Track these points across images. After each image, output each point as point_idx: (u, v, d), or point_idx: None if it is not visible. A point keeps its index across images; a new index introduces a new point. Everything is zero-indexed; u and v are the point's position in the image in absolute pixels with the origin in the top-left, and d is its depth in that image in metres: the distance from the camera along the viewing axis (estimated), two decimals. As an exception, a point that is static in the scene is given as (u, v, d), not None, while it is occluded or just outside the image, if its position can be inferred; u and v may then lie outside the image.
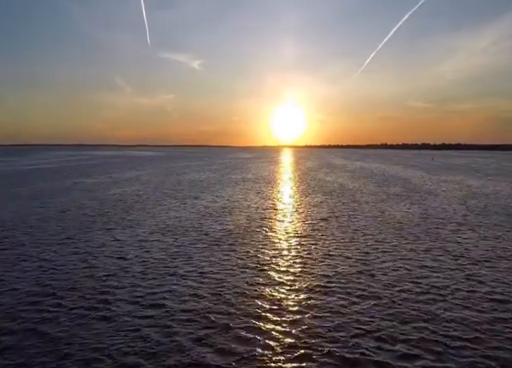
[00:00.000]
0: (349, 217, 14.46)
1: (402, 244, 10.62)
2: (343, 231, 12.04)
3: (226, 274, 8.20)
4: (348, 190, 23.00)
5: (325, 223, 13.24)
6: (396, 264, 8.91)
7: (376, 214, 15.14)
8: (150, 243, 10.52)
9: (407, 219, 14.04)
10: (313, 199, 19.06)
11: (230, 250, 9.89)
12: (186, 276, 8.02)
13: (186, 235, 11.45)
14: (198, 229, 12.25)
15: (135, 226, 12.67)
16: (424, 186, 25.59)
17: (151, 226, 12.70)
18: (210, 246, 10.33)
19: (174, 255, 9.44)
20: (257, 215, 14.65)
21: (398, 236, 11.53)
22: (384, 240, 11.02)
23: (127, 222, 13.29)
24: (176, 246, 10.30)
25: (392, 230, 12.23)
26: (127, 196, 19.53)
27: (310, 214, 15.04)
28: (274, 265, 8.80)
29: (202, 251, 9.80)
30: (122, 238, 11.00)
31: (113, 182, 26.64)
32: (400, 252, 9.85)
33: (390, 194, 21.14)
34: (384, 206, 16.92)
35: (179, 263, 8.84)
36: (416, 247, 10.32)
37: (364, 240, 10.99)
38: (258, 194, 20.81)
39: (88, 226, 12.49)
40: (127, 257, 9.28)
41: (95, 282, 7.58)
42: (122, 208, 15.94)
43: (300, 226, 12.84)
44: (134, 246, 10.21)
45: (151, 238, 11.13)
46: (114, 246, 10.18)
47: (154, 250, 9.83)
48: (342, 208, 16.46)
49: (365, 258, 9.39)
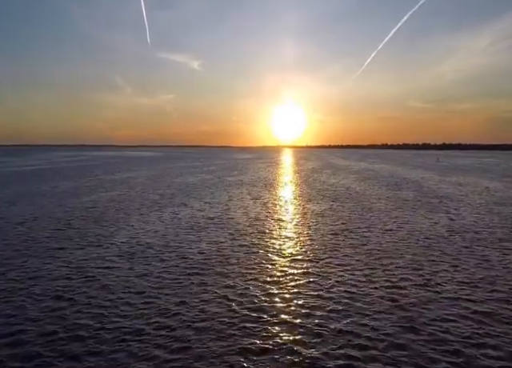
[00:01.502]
0: (362, 230, 12.02)
1: (439, 270, 8.17)
2: (360, 252, 9.58)
3: (203, 321, 5.76)
4: (356, 195, 20.56)
5: (335, 240, 10.78)
6: (444, 310, 6.45)
7: (395, 225, 12.70)
8: (109, 272, 8.06)
9: (436, 233, 11.58)
10: (317, 206, 16.62)
11: (212, 283, 7.43)
12: (148, 331, 5.58)
13: (157, 259, 8.97)
14: (176, 249, 9.78)
15: (98, 244, 10.19)
16: (439, 190, 23.14)
17: (119, 244, 10.23)
18: (186, 275, 7.88)
19: (136, 292, 6.99)
20: (251, 228, 12.21)
21: (431, 259, 9.06)
22: (416, 266, 8.53)
23: (90, 238, 10.83)
24: (142, 275, 7.84)
25: (421, 250, 9.76)
26: (104, 203, 17.10)
27: (316, 226, 12.60)
28: (270, 306, 6.35)
29: (174, 286, 7.36)
30: (73, 263, 8.52)
31: (97, 186, 24.21)
32: (442, 284, 7.39)
33: (404, 199, 18.70)
34: (402, 215, 14.47)
35: (140, 305, 6.40)
36: (466, 277, 7.83)
37: (388, 265, 8.52)
38: (255, 200, 18.37)
39: (35, 245, 10.03)
40: (68, 297, 6.81)
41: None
42: (91, 219, 13.48)
43: (305, 245, 10.39)
44: (85, 277, 7.75)
45: (113, 263, 8.65)
46: (55, 278, 7.70)
47: (112, 284, 7.38)
48: (353, 218, 14.02)
49: (395, 295, 6.94)
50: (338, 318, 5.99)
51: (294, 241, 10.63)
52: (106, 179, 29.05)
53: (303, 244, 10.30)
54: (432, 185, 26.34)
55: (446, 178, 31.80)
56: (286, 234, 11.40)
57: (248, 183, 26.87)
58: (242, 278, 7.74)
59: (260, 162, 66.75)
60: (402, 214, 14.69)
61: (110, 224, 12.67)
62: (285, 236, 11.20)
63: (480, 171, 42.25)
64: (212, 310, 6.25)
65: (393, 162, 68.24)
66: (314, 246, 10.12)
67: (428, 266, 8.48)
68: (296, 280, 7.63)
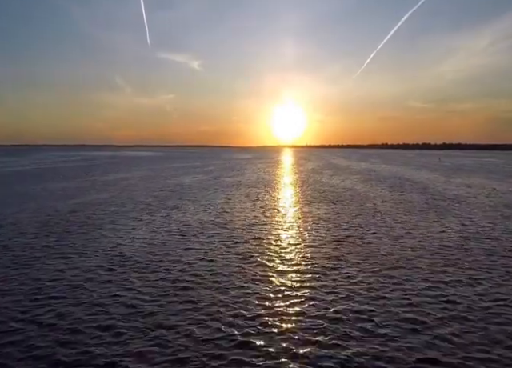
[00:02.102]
0: (368, 237, 10.97)
1: (458, 285, 7.11)
2: (367, 263, 8.53)
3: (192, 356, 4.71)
4: (359, 197, 19.51)
5: (339, 248, 9.73)
6: (471, 333, 5.40)
7: (403, 231, 11.65)
8: (83, 287, 7.01)
9: (449, 241, 10.53)
10: (319, 209, 15.57)
11: (201, 301, 6.38)
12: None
13: (139, 272, 7.91)
14: (163, 260, 8.73)
15: (76, 253, 9.12)
16: (447, 191, 22.09)
17: (99, 254, 9.17)
18: (172, 291, 6.83)
19: (110, 314, 5.94)
20: (248, 235, 11.16)
21: (447, 271, 8.01)
22: (432, 279, 7.46)
23: (69, 246, 9.76)
24: (120, 292, 6.79)
25: (435, 260, 8.69)
26: (92, 206, 16.04)
27: (318, 232, 11.55)
28: (269, 329, 5.31)
29: (157, 303, 6.31)
30: (44, 277, 7.49)
31: (87, 187, 23.16)
32: (464, 302, 6.32)
33: (411, 202, 17.65)
34: (410, 220, 13.42)
35: (118, 327, 5.35)
36: (490, 293, 6.77)
37: (400, 278, 7.46)
38: (253, 203, 17.32)
39: (5, 256, 8.97)
40: (33, 316, 5.76)
41: None
42: (74, 224, 12.41)
43: (307, 254, 9.33)
44: (54, 293, 6.71)
45: (89, 276, 7.60)
46: (21, 293, 6.65)
47: (84, 302, 6.34)
48: (357, 222, 12.97)
49: (412, 313, 5.88)
50: (348, 344, 4.96)
51: (294, 249, 9.59)
52: (99, 180, 28.01)
53: (305, 253, 9.25)
54: (438, 186, 25.30)
55: (451, 179, 30.76)
56: (286, 242, 10.35)
57: (246, 184, 25.83)
58: (236, 293, 6.70)
59: (260, 162, 65.69)
60: (410, 219, 13.65)
61: (93, 230, 11.63)
62: (284, 244, 10.15)
63: (484, 171, 41.21)
64: (201, 335, 5.21)
65: (394, 162, 67.19)
66: (316, 255, 9.07)
67: (445, 280, 7.43)
68: (299, 296, 6.59)
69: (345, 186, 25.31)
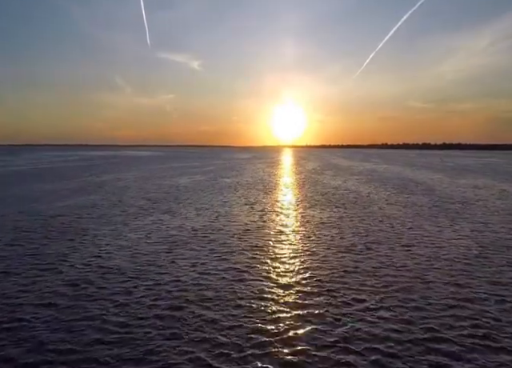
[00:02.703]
0: (376, 245, 9.95)
1: (483, 303, 6.08)
2: (378, 277, 7.50)
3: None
4: (363, 199, 18.49)
5: (345, 259, 8.70)
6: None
7: (414, 238, 10.62)
8: (48, 313, 5.99)
9: (466, 249, 9.48)
10: (321, 214, 14.56)
11: (189, 328, 5.35)
12: None
13: (119, 289, 6.89)
14: (146, 275, 7.69)
15: (51, 265, 8.07)
16: (454, 193, 21.07)
17: (76, 267, 8.11)
18: (154, 315, 5.81)
19: (80, 342, 4.92)
20: (244, 244, 10.13)
21: (469, 287, 6.99)
22: (452, 297, 6.44)
23: (38, 258, 8.68)
24: (94, 315, 5.77)
25: (453, 273, 7.64)
26: (78, 209, 15.01)
27: (321, 240, 10.53)
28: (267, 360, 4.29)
29: (137, 330, 5.29)
30: (9, 293, 6.46)
31: (78, 188, 22.12)
32: (491, 326, 5.30)
33: (419, 205, 16.63)
34: (420, 225, 12.40)
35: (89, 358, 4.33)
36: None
37: (416, 294, 6.43)
38: (251, 207, 16.30)
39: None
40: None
41: None
42: (55, 230, 11.33)
43: (309, 267, 8.30)
44: (14, 322, 5.67)
45: (56, 299, 6.57)
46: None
47: (51, 330, 5.31)
48: (363, 228, 11.96)
49: (433, 342, 4.86)
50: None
51: (294, 261, 8.56)
52: (93, 181, 26.98)
53: (307, 266, 8.24)
54: (444, 187, 24.27)
55: (456, 180, 29.74)
56: (286, 252, 9.33)
57: (245, 185, 24.80)
58: (228, 313, 5.68)
59: (259, 162, 64.65)
60: (421, 224, 12.62)
61: (74, 237, 10.60)
62: (284, 254, 9.13)
63: (488, 172, 40.20)
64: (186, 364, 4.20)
65: (396, 162, 66.17)
66: (319, 268, 8.05)
67: (468, 297, 6.41)
68: (301, 319, 5.57)
69: (347, 187, 24.29)
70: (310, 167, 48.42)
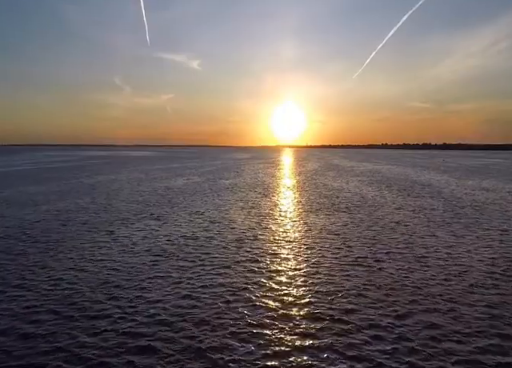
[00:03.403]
0: (389, 259, 8.83)
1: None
2: (395, 302, 6.38)
3: None
4: (369, 203, 17.36)
5: (354, 278, 7.57)
6: None
7: (431, 250, 9.50)
8: (9, 342, 4.87)
9: (493, 264, 8.33)
10: (325, 220, 13.44)
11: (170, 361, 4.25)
12: None
13: (86, 316, 5.77)
14: (122, 299, 6.56)
15: (18, 282, 6.96)
16: (464, 196, 19.94)
17: (41, 286, 6.99)
18: (124, 355, 4.70)
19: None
20: (239, 256, 9.01)
21: (505, 316, 5.88)
22: (485, 324, 5.36)
23: (8, 274, 7.58)
24: (61, 346, 4.65)
25: (484, 296, 6.53)
26: (62, 214, 13.86)
27: (325, 251, 9.41)
28: None
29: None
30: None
31: (68, 191, 20.99)
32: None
33: (429, 210, 15.50)
34: (435, 233, 11.26)
35: None
36: None
37: (443, 321, 5.31)
38: (249, 211, 15.18)
39: None
40: None
41: None
42: (31, 238, 10.17)
43: (313, 286, 7.18)
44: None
45: (20, 324, 5.45)
46: None
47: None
48: (373, 237, 10.84)
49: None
50: None
51: (297, 279, 7.45)
52: (85, 182, 25.85)
53: (311, 285, 7.12)
54: (452, 189, 23.14)
55: (463, 181, 28.61)
56: (286, 267, 8.22)
57: (243, 187, 23.68)
58: (218, 350, 4.57)
59: (259, 162, 63.51)
60: (434, 232, 11.50)
61: (51, 247, 9.48)
62: (284, 270, 8.01)
63: (494, 173, 39.09)
64: None
65: (398, 162, 65.04)
66: (325, 287, 6.94)
67: (504, 327, 5.30)
68: (304, 349, 4.46)
69: (350, 189, 23.16)
70: (311, 168, 47.30)
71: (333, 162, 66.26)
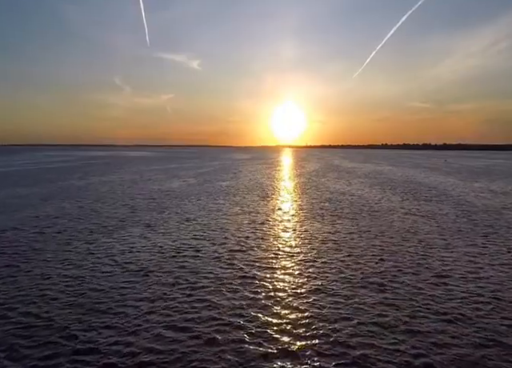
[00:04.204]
0: (406, 278, 7.68)
1: None
2: (417, 330, 5.24)
3: None
4: (375, 208, 16.20)
5: (365, 298, 6.44)
6: None
7: (449, 266, 8.34)
8: None
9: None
10: (327, 227, 12.29)
11: None
12: None
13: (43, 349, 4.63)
14: (88, 332, 5.42)
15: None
16: (475, 200, 18.79)
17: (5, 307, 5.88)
18: None
19: None
20: (232, 273, 7.85)
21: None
22: None
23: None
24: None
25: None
26: (37, 222, 12.66)
27: (331, 267, 8.25)
28: None
29: None
30: None
31: (56, 193, 19.82)
32: None
33: (440, 215, 14.35)
34: (450, 244, 10.11)
35: None
36: None
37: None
38: (246, 217, 14.02)
39: None
40: None
41: None
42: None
43: (318, 312, 6.04)
44: None
45: None
46: None
47: None
48: (382, 248, 9.69)
49: None
50: None
51: (297, 302, 6.30)
52: (75, 185, 24.68)
53: (314, 310, 5.98)
54: (461, 193, 21.98)
55: (470, 183, 27.46)
56: (285, 286, 7.07)
57: (240, 190, 22.53)
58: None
59: (258, 163, 62.34)
60: (450, 242, 10.33)
61: (21, 261, 8.32)
62: (283, 290, 6.86)
63: (499, 174, 37.95)
64: None
65: (399, 163, 63.88)
66: (331, 312, 5.79)
67: None
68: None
69: (354, 192, 22.01)
70: (311, 169, 46.16)
71: (333, 162, 65.12)
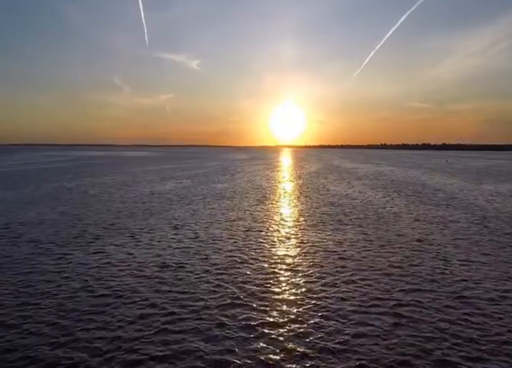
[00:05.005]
0: (423, 298, 6.53)
1: None
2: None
3: None
4: (382, 213, 15.03)
5: (380, 327, 5.28)
6: None
7: (477, 286, 7.19)
8: None
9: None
10: (332, 237, 11.13)
11: None
12: None
13: None
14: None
15: None
16: (487, 205, 17.63)
17: None
18: None
19: None
20: (222, 295, 6.69)
21: None
22: None
23: None
24: None
25: None
26: (9, 229, 11.51)
27: (338, 287, 7.08)
28: None
29: None
30: None
31: (36, 198, 18.63)
32: None
33: (452, 222, 13.20)
34: (471, 257, 8.93)
35: None
36: None
37: None
38: (241, 225, 12.85)
39: None
40: None
41: None
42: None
43: (325, 344, 4.88)
44: None
45: None
46: None
47: None
48: (394, 263, 8.52)
49: None
50: None
51: (298, 330, 5.15)
52: (63, 187, 23.47)
53: (318, 339, 4.82)
54: (469, 196, 20.82)
55: (477, 185, 26.31)
56: (284, 311, 5.91)
57: (237, 193, 21.36)
58: None
59: (257, 163, 61.14)
60: (472, 256, 9.15)
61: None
62: (282, 317, 5.70)
63: (505, 175, 36.86)
64: None
65: (400, 163, 62.73)
66: (338, 341, 4.64)
67: None
68: None
69: (356, 195, 20.84)
70: (311, 169, 45.00)
71: (333, 162, 63.97)
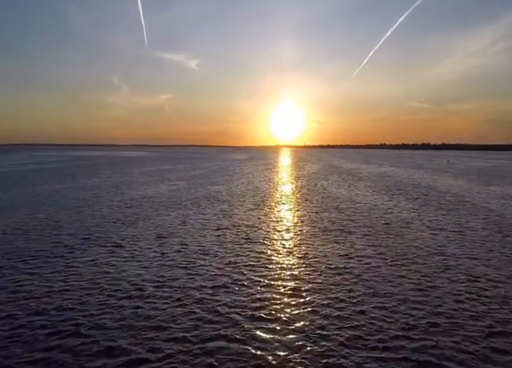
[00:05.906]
0: (448, 330, 5.37)
1: None
2: None
3: None
4: (388, 219, 13.83)
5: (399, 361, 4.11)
6: None
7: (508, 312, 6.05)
8: None
9: None
10: (337, 248, 9.93)
11: None
12: None
13: None
14: None
15: None
16: (503, 210, 16.42)
17: None
18: None
19: None
20: (219, 314, 5.50)
21: None
22: None
23: None
24: None
25: None
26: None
27: (346, 312, 5.92)
28: None
29: None
30: None
31: (17, 202, 17.43)
32: None
33: (467, 230, 12.02)
34: (498, 277, 7.81)
35: None
36: None
37: None
38: (235, 234, 11.65)
39: None
40: None
41: None
42: None
43: None
44: None
45: None
46: None
47: None
48: (408, 285, 7.33)
49: None
50: None
51: (302, 359, 3.96)
52: (50, 189, 22.21)
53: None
54: (479, 199, 19.64)
55: (484, 187, 25.14)
56: (283, 341, 4.72)
57: (234, 197, 20.16)
58: None
59: (256, 163, 59.92)
60: (502, 281, 8.00)
61: None
62: (281, 346, 4.52)
63: (509, 176, 35.74)
64: None
65: (402, 164, 61.58)
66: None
67: None
68: None
69: (360, 199, 19.65)
70: (311, 170, 43.81)
71: (333, 163, 62.80)
